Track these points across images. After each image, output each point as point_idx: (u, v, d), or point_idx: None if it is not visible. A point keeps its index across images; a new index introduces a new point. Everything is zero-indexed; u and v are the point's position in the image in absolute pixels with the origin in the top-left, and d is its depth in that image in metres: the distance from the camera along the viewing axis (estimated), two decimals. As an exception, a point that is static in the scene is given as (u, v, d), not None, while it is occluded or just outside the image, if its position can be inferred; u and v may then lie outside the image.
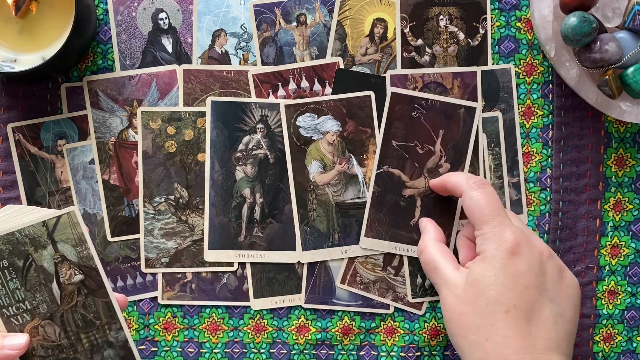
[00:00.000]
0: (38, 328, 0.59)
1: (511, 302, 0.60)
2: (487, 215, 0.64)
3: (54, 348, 0.60)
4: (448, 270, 0.65)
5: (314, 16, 0.75)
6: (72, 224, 0.59)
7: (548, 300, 0.61)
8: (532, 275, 0.61)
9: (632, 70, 0.70)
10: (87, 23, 0.70)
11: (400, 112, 0.75)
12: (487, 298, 0.61)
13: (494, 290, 0.61)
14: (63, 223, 0.59)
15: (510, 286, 0.60)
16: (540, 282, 0.62)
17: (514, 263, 0.61)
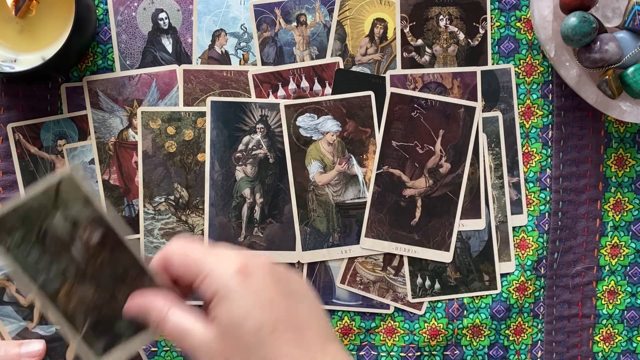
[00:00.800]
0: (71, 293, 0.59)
1: (272, 320, 0.54)
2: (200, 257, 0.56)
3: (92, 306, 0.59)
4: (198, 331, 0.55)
5: (314, 16, 0.75)
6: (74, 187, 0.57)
7: (297, 300, 0.57)
8: (273, 286, 0.56)
9: (632, 70, 0.70)
10: (87, 23, 0.70)
11: (400, 112, 0.75)
12: (248, 330, 0.54)
13: (250, 318, 0.54)
14: (64, 187, 0.57)
15: (260, 305, 0.54)
16: (282, 289, 0.56)
17: (251, 284, 0.55)
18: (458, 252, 0.76)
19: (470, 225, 0.76)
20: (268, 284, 0.55)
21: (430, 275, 0.76)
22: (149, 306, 0.57)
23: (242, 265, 0.54)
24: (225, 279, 0.54)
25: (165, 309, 0.56)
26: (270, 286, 0.55)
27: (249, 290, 0.54)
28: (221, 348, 0.54)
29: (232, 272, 0.54)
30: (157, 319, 0.56)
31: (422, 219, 0.75)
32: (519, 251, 0.76)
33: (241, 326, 0.54)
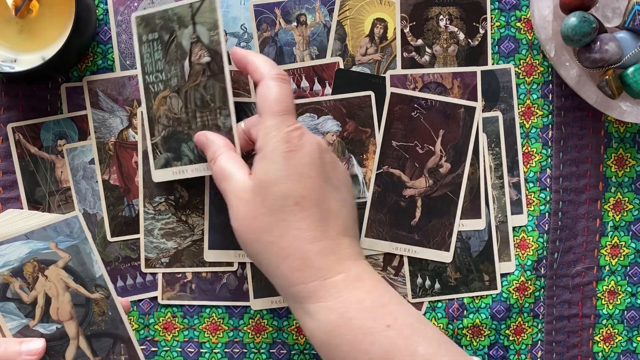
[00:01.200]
0: (166, 98, 0.70)
1: (299, 194, 0.60)
2: (276, 109, 0.62)
3: (174, 120, 0.70)
4: (239, 177, 0.63)
5: (314, 16, 0.75)
6: (211, 8, 0.68)
7: (332, 188, 0.62)
8: (315, 165, 0.61)
9: (632, 70, 0.70)
10: (87, 23, 0.70)
11: (400, 112, 0.75)
12: (275, 194, 0.60)
13: (280, 185, 0.60)
14: (205, 7, 0.68)
15: (295, 178, 0.60)
16: (322, 170, 0.62)
17: (295, 156, 0.60)
18: (458, 252, 0.76)
19: (470, 225, 0.76)
20: (311, 162, 0.61)
21: (430, 275, 0.76)
22: (210, 142, 0.66)
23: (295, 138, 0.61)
24: (274, 141, 0.61)
25: (220, 150, 0.65)
26: (312, 166, 0.61)
27: (290, 162, 0.60)
28: (251, 198, 0.61)
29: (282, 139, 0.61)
30: (211, 155, 0.66)
31: (422, 219, 0.75)
32: (519, 251, 0.76)
33: (271, 188, 0.60)
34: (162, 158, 0.73)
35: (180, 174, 0.72)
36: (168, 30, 0.71)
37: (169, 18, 0.71)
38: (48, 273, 0.59)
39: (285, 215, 0.60)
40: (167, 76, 0.72)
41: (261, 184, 0.60)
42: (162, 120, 0.72)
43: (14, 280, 0.57)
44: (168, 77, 0.72)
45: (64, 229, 0.59)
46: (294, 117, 0.63)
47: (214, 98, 0.70)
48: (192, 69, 0.71)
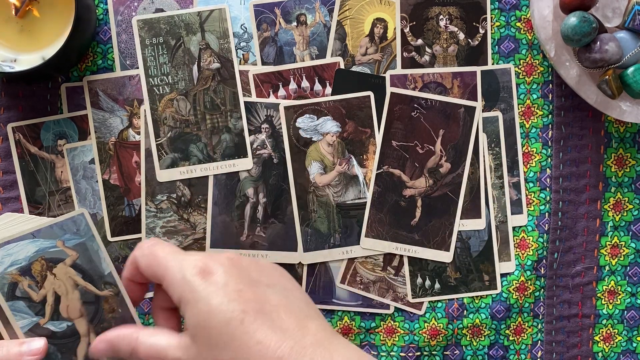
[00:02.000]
0: (173, 101, 0.73)
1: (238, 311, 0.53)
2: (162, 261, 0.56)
3: (182, 121, 0.72)
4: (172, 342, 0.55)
5: (314, 16, 0.75)
6: (222, 18, 0.72)
7: (266, 288, 0.56)
8: (236, 278, 0.55)
9: (632, 70, 0.70)
10: (87, 23, 0.70)
11: (400, 112, 0.75)
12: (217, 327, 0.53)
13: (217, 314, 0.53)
14: (214, 16, 0.72)
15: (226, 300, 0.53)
16: (247, 279, 0.56)
17: (213, 281, 0.54)
18: (458, 252, 0.76)
19: (471, 225, 0.76)
20: (232, 276, 0.54)
21: (430, 275, 0.76)
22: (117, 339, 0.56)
23: (203, 265, 0.54)
24: (187, 281, 0.54)
25: (134, 335, 0.56)
26: (234, 278, 0.54)
27: (212, 287, 0.53)
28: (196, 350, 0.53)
29: (194, 273, 0.54)
30: (128, 347, 0.56)
31: (422, 219, 0.75)
32: (519, 251, 0.76)
33: (209, 323, 0.53)
34: (169, 158, 0.73)
35: (188, 174, 0.73)
36: (174, 36, 0.74)
37: (175, 24, 0.74)
38: (56, 271, 0.59)
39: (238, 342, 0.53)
40: (173, 79, 0.73)
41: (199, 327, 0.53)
42: (168, 122, 0.73)
43: (22, 279, 0.57)
44: (175, 80, 0.73)
45: (70, 227, 0.59)
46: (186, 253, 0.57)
47: (225, 101, 0.73)
48: (201, 73, 0.73)
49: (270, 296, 0.55)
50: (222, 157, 0.75)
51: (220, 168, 0.74)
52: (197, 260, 0.55)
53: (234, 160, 0.75)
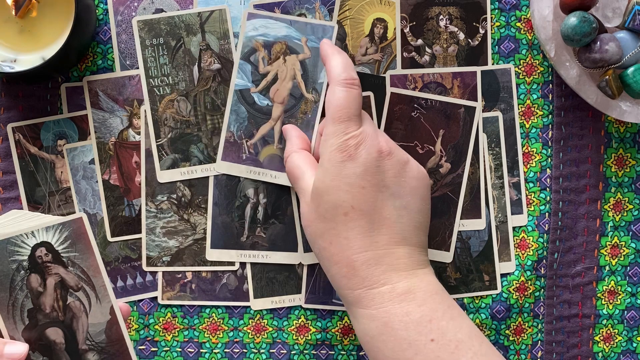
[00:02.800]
0: (174, 102, 0.73)
1: (348, 204, 0.61)
2: (336, 116, 0.63)
3: (183, 122, 0.73)
4: (306, 179, 0.65)
5: (314, 16, 0.75)
6: (222, 19, 0.72)
7: (389, 196, 0.62)
8: (369, 175, 0.61)
9: (632, 70, 0.70)
10: (87, 23, 0.70)
11: (400, 112, 0.75)
12: (326, 203, 0.62)
13: (331, 195, 0.61)
14: (214, 17, 0.72)
15: (345, 189, 0.61)
16: (378, 180, 0.62)
17: (349, 166, 0.61)
18: (458, 252, 0.76)
19: (471, 225, 0.76)
20: (365, 172, 0.61)
21: (431, 275, 0.76)
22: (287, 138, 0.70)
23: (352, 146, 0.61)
24: (329, 151, 0.62)
25: (293, 148, 0.68)
26: (365, 176, 0.61)
27: (342, 172, 0.61)
28: (310, 203, 0.64)
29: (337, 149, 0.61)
30: (286, 154, 0.69)
31: (422, 219, 0.75)
32: (519, 251, 0.76)
33: (323, 196, 0.62)
34: (169, 159, 0.73)
35: (189, 174, 0.73)
36: (175, 37, 0.74)
37: (175, 25, 0.74)
38: (288, 58, 0.72)
39: (335, 224, 0.61)
40: (174, 80, 0.74)
41: (317, 191, 0.62)
42: (168, 123, 0.73)
43: (262, 50, 0.69)
44: (175, 81, 0.74)
45: (319, 31, 0.73)
46: (356, 124, 0.63)
47: (225, 102, 0.73)
48: (202, 74, 0.74)
49: (386, 207, 0.62)
50: (223, 157, 0.75)
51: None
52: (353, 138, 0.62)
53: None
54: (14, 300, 0.54)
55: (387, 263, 0.61)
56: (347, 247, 0.61)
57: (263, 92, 0.74)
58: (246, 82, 0.74)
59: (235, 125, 0.74)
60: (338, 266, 0.62)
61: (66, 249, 0.55)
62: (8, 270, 0.54)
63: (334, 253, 0.62)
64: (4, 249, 0.53)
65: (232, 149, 0.74)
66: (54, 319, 0.55)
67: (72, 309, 0.56)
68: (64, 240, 0.55)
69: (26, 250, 0.54)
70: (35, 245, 0.54)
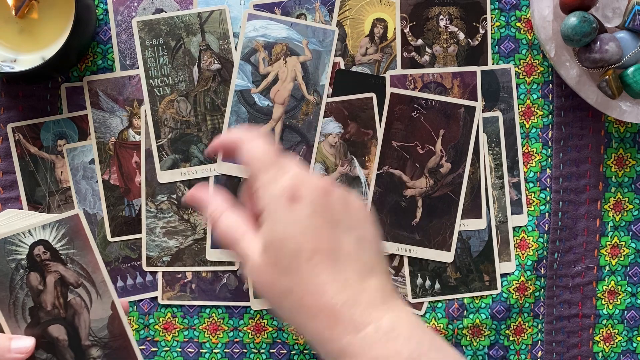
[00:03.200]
0: (174, 102, 0.73)
1: (310, 248, 0.55)
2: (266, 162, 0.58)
3: (183, 122, 0.73)
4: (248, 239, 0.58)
5: (314, 16, 0.75)
6: (222, 19, 0.72)
7: (345, 230, 0.57)
8: (319, 213, 0.56)
9: (632, 70, 0.70)
10: (87, 23, 0.70)
11: (400, 112, 0.75)
12: (285, 254, 0.56)
13: (289, 244, 0.55)
14: (214, 17, 0.73)
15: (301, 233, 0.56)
16: (329, 217, 0.57)
17: (298, 208, 0.56)
18: (458, 252, 0.76)
19: (471, 225, 0.76)
20: (316, 211, 0.56)
21: (431, 276, 0.76)
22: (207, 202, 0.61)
23: (294, 188, 0.56)
24: (274, 199, 0.56)
25: (220, 208, 0.60)
26: (318, 214, 0.56)
27: (294, 215, 0.56)
28: (263, 261, 0.56)
29: (281, 193, 0.56)
30: (212, 216, 0.60)
31: (423, 219, 0.75)
32: (519, 251, 0.76)
33: (281, 247, 0.56)
34: (169, 159, 0.73)
35: (189, 175, 0.73)
36: (175, 37, 0.74)
37: (175, 25, 0.74)
38: (289, 60, 0.73)
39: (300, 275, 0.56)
40: (174, 80, 0.74)
41: (270, 245, 0.56)
42: (168, 123, 0.73)
43: (262, 51, 0.70)
44: (175, 81, 0.74)
45: (319, 34, 0.73)
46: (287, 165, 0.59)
47: (225, 102, 0.73)
48: (202, 74, 0.74)
49: (344, 242, 0.57)
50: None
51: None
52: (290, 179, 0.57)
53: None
54: (14, 300, 0.54)
55: (365, 301, 0.56)
56: (322, 293, 0.55)
57: (263, 92, 0.74)
58: (246, 82, 0.74)
59: (235, 125, 0.74)
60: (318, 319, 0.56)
61: (64, 246, 0.55)
62: (7, 269, 0.54)
63: (310, 306, 0.56)
64: (1, 248, 0.53)
65: (232, 149, 0.74)
66: (55, 316, 0.55)
67: (73, 306, 0.55)
68: (62, 238, 0.55)
69: (24, 249, 0.54)
70: (33, 244, 0.54)
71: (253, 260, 0.57)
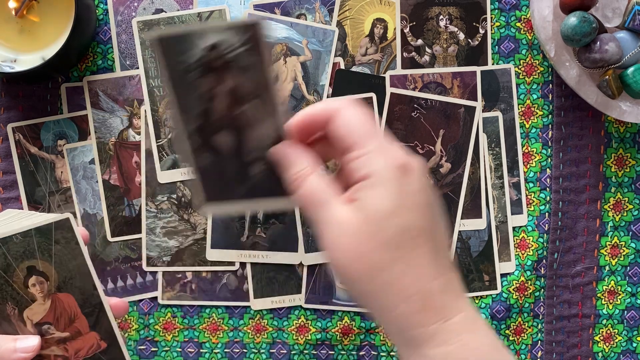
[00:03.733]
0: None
1: (417, 226, 0.52)
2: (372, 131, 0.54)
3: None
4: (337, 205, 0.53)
5: (314, 16, 0.75)
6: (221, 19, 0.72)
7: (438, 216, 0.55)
8: (424, 192, 0.53)
9: (632, 70, 0.70)
10: (87, 23, 0.70)
11: (400, 112, 0.75)
12: (391, 227, 0.52)
13: (399, 217, 0.52)
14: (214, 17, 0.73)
15: (410, 208, 0.52)
16: (429, 197, 0.54)
17: (409, 182, 0.52)
18: (458, 252, 0.76)
19: (471, 225, 0.76)
20: (424, 187, 0.53)
21: (431, 275, 0.76)
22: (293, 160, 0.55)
23: (405, 161, 0.52)
24: (384, 167, 0.52)
25: (308, 169, 0.55)
26: (425, 191, 0.53)
27: (405, 188, 0.52)
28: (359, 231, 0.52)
29: (393, 164, 0.52)
30: (296, 176, 0.55)
31: (423, 219, 0.75)
32: (519, 251, 0.76)
33: (388, 219, 0.52)
34: (170, 160, 0.73)
35: (190, 175, 0.73)
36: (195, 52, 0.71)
37: (175, 25, 0.73)
38: (288, 60, 0.72)
39: (404, 251, 0.52)
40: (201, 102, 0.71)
41: (374, 215, 0.52)
42: (168, 123, 0.72)
43: None
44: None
45: (319, 34, 0.72)
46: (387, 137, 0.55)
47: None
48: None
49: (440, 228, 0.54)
50: (223, 158, 0.75)
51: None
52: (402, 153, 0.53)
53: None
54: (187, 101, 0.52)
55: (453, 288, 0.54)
56: (422, 275, 0.52)
57: None
58: None
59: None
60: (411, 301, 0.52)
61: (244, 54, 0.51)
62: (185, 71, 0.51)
63: (406, 285, 0.52)
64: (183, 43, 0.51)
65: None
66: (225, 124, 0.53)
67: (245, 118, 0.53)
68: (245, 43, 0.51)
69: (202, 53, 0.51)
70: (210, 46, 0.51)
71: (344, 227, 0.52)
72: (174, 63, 0.51)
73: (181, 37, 0.51)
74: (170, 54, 0.51)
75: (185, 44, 0.51)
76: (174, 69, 0.51)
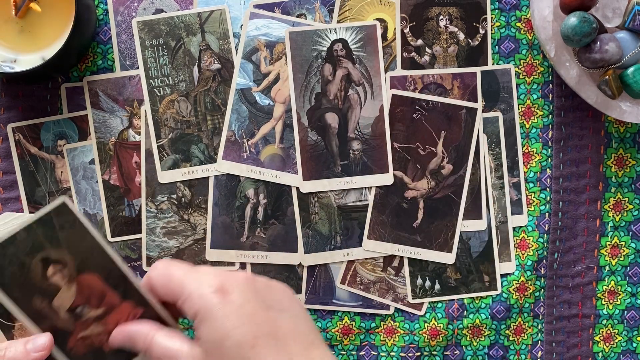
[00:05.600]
0: (174, 102, 0.73)
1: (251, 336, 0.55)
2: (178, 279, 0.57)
3: (183, 122, 0.74)
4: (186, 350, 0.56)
5: (314, 16, 0.75)
6: (222, 19, 0.73)
7: (278, 312, 0.58)
8: (251, 301, 0.56)
9: (632, 70, 0.70)
10: (87, 23, 0.70)
11: (402, 113, 0.75)
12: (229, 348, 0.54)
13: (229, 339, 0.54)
14: (214, 17, 0.73)
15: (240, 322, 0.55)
16: (261, 302, 0.57)
17: (230, 300, 0.55)
18: (458, 252, 0.76)
19: (471, 226, 0.76)
20: (247, 299, 0.56)
21: (431, 276, 0.76)
22: (135, 334, 0.58)
23: (220, 284, 0.56)
24: (205, 299, 0.55)
25: (151, 334, 0.57)
26: (250, 301, 0.56)
27: (228, 308, 0.55)
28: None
29: (211, 291, 0.55)
30: (144, 345, 0.57)
31: (424, 221, 0.75)
32: (519, 251, 0.76)
33: (223, 344, 0.54)
34: (170, 159, 0.74)
35: (190, 175, 0.73)
36: (175, 37, 0.74)
37: (175, 25, 0.74)
38: None
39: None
40: (174, 81, 0.74)
41: (212, 345, 0.55)
42: (169, 123, 0.73)
43: (264, 50, 0.71)
44: (175, 81, 0.74)
45: None
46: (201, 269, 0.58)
47: (225, 102, 0.74)
48: (202, 74, 0.74)
49: (280, 322, 0.57)
50: (223, 158, 0.75)
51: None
52: (214, 278, 0.56)
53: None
54: (307, 83, 0.66)
55: None
56: None
57: (264, 91, 0.74)
58: (248, 81, 0.74)
59: (236, 124, 0.74)
60: None
61: (358, 49, 0.68)
62: (309, 56, 0.66)
63: None
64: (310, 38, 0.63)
65: (233, 148, 0.75)
66: (334, 105, 0.66)
67: (350, 100, 0.67)
68: (358, 41, 0.67)
69: (326, 43, 0.65)
70: (334, 40, 0.66)
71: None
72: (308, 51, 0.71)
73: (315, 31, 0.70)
74: None
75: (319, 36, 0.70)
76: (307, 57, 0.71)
